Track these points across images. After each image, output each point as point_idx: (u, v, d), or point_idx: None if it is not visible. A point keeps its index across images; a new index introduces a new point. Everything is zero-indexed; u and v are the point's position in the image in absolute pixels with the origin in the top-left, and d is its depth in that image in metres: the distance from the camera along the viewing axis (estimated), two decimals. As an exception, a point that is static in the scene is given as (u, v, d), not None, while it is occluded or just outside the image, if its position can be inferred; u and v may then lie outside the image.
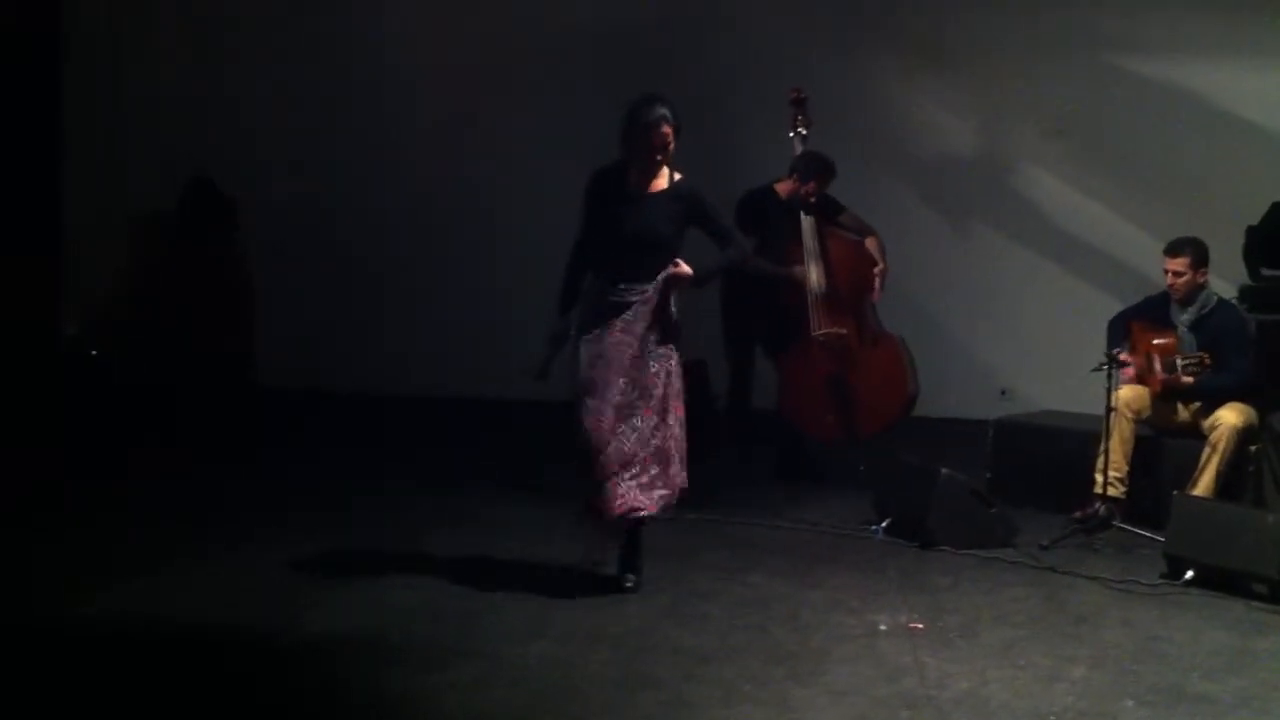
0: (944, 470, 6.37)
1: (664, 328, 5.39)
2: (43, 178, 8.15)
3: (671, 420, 5.40)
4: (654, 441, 5.35)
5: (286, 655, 4.76)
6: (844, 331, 7.37)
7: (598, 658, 4.80)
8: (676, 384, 5.43)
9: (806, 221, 7.37)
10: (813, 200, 7.36)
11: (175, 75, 9.12)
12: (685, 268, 5.36)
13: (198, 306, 7.81)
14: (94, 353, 7.98)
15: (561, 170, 5.51)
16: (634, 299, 5.32)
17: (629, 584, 5.48)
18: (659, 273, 5.34)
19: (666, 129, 5.30)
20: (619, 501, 5.31)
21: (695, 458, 5.54)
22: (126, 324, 7.90)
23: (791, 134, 7.41)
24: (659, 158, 5.34)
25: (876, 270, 7.38)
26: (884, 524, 6.52)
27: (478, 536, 6.28)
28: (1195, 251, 6.68)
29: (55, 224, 8.17)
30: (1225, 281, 7.26)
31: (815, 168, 7.34)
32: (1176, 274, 6.68)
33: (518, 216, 8.89)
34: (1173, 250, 6.72)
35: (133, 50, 9.04)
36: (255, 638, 4.89)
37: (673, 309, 5.41)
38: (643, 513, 5.38)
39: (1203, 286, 6.72)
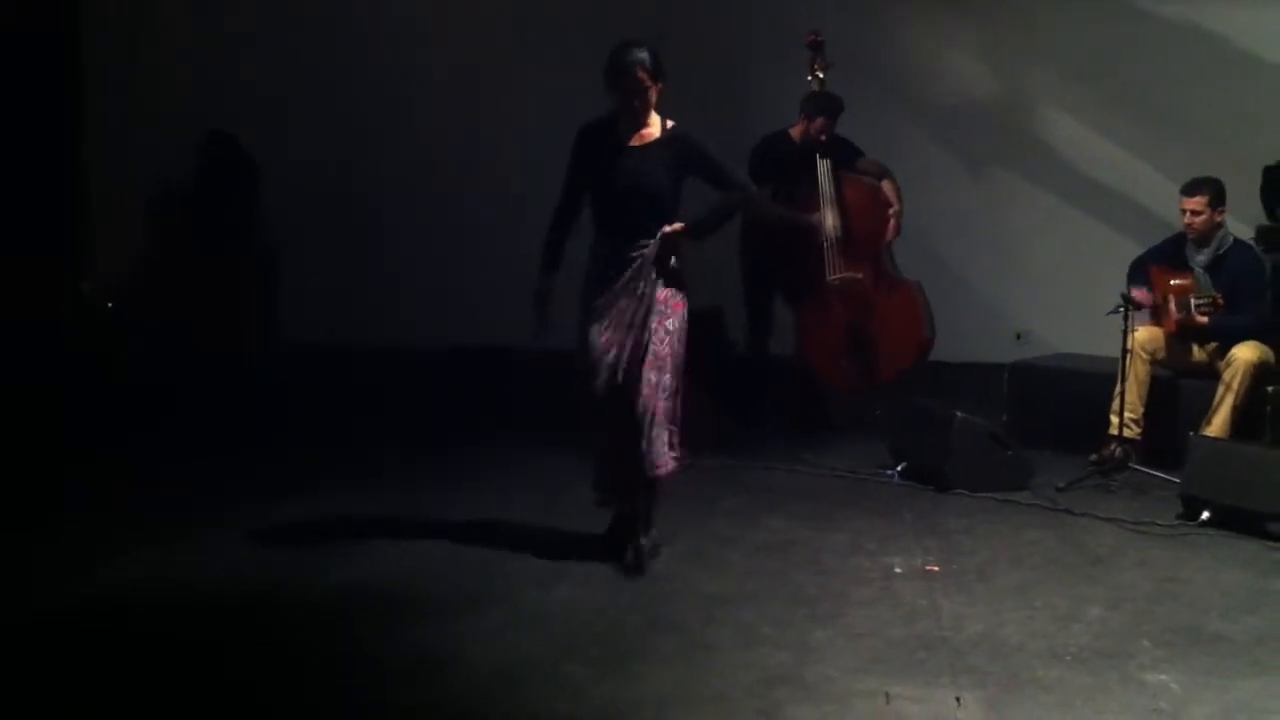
0: (960, 414, 6.39)
1: (665, 282, 5.20)
2: (58, 152, 8.15)
3: (671, 375, 5.21)
4: (662, 400, 5.18)
5: (311, 609, 4.81)
6: (859, 276, 7.37)
7: (619, 603, 4.86)
8: (679, 341, 5.23)
9: (822, 166, 7.35)
10: (823, 138, 7.33)
11: (190, 41, 9.09)
12: (675, 225, 5.18)
13: (208, 301, 7.72)
14: (110, 305, 7.99)
15: (573, 120, 5.43)
16: (633, 255, 5.17)
17: (644, 550, 5.29)
18: (659, 227, 5.17)
19: (640, 74, 5.09)
20: (636, 467, 5.20)
21: (713, 406, 5.54)
22: (142, 296, 7.89)
23: (809, 78, 7.38)
24: (635, 103, 5.16)
25: (892, 212, 7.37)
26: (900, 468, 6.56)
27: (496, 486, 6.34)
28: (1212, 190, 6.66)
29: (69, 206, 8.16)
30: (1242, 222, 7.24)
31: (821, 104, 7.31)
32: (1194, 213, 6.66)
33: (530, 166, 8.83)
34: (1190, 189, 6.70)
35: (148, 19, 9.03)
36: (279, 593, 4.94)
37: (673, 263, 5.23)
38: (660, 473, 5.23)
39: (1220, 226, 6.71)
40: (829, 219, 7.35)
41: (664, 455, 5.21)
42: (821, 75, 7.36)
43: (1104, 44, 8.55)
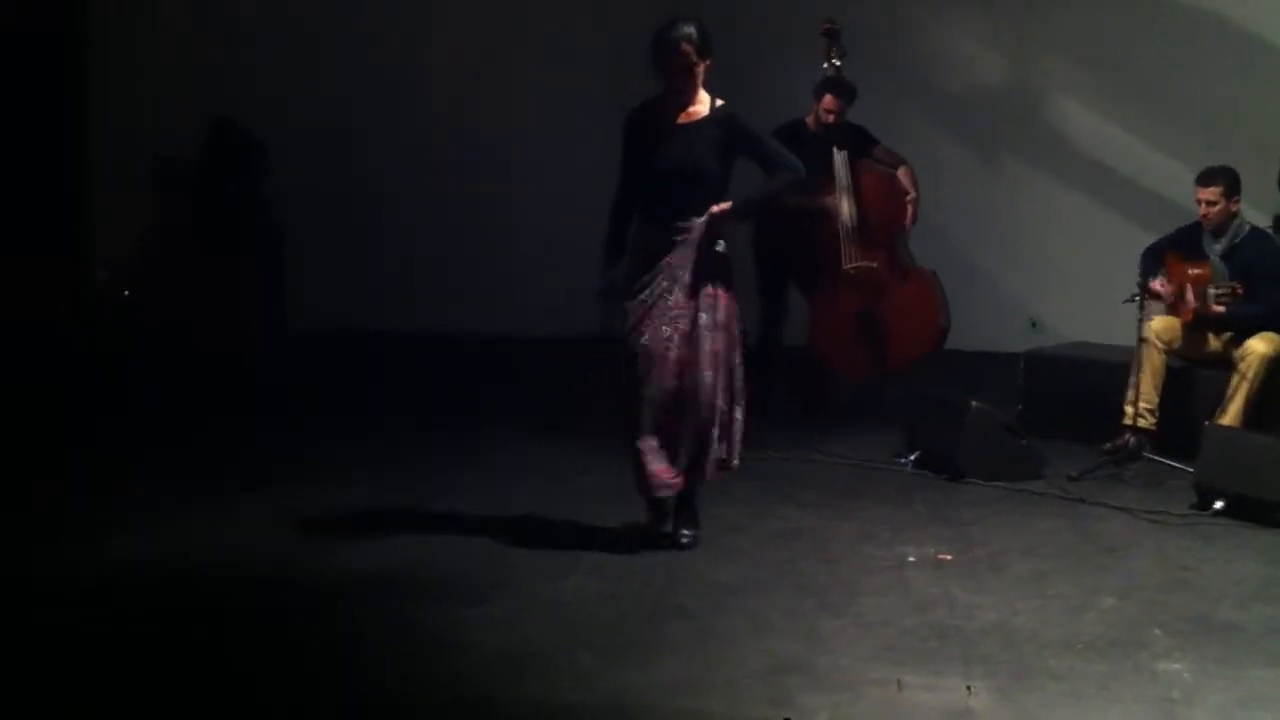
0: (974, 402, 6.37)
1: (711, 271, 5.11)
2: (60, 151, 8.14)
3: (724, 374, 5.13)
4: (710, 399, 5.09)
5: (318, 594, 4.80)
6: (874, 265, 7.35)
7: (629, 591, 4.85)
8: (730, 333, 5.15)
9: (839, 155, 7.33)
10: (831, 118, 7.29)
11: (190, 35, 9.09)
12: (723, 205, 5.09)
13: (209, 299, 7.68)
14: (126, 293, 7.99)
15: (579, 104, 5.37)
16: (679, 238, 5.06)
17: (685, 540, 5.29)
18: (705, 208, 5.06)
19: (685, 48, 5.01)
20: (675, 467, 5.15)
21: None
22: (149, 276, 7.87)
23: (825, 65, 7.35)
24: (680, 80, 5.08)
25: (908, 199, 7.35)
26: (913, 457, 6.54)
27: (505, 474, 6.32)
28: (1228, 180, 6.62)
29: (71, 205, 8.14)
30: (1258, 210, 7.19)
31: (828, 83, 7.28)
32: (1209, 203, 6.63)
33: (535, 154, 8.86)
34: (1205, 179, 6.66)
35: (148, 15, 9.04)
36: (285, 578, 4.94)
37: (719, 247, 5.14)
38: (702, 474, 5.20)
39: (1235, 215, 6.67)
40: (845, 208, 7.33)
41: (724, 452, 5.20)
42: (838, 63, 7.32)
43: (1118, 31, 8.50)
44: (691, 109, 5.16)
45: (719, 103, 5.18)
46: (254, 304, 7.87)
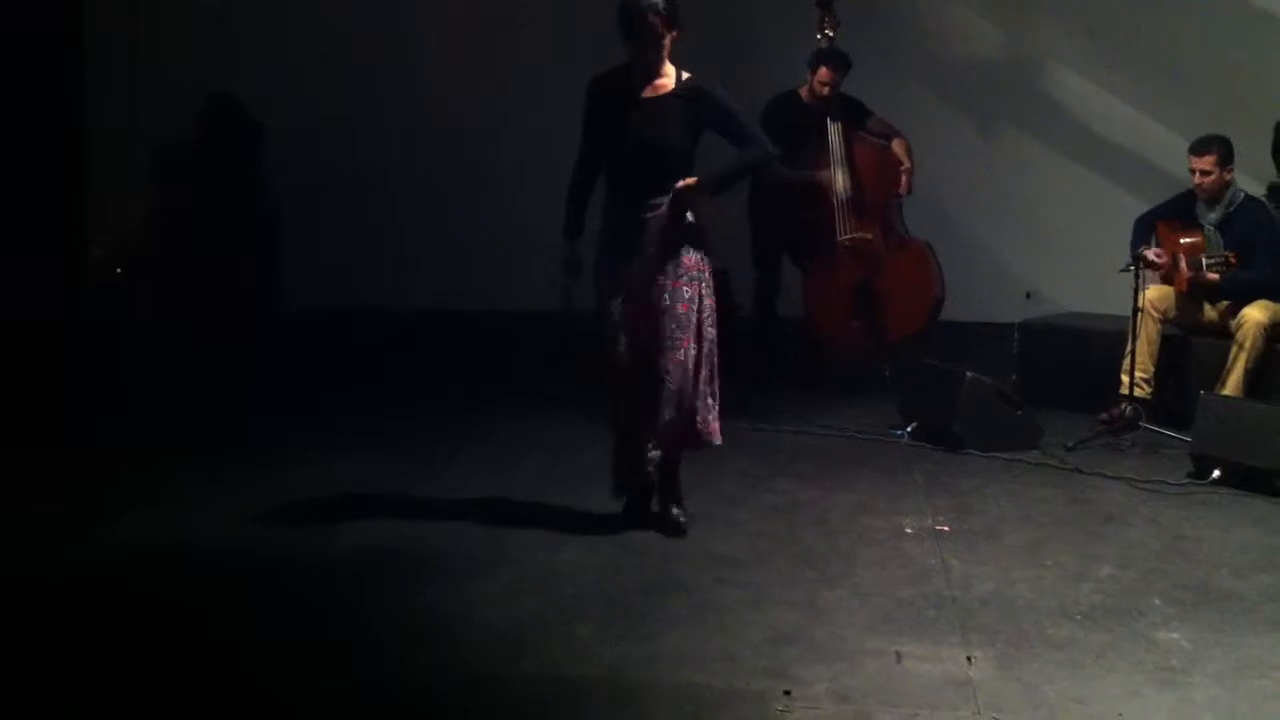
0: (969, 373, 6.37)
1: (685, 243, 5.01)
2: (60, 149, 8.08)
3: (706, 345, 5.03)
4: (700, 371, 5.01)
5: (317, 574, 4.80)
6: (869, 236, 7.34)
7: (627, 564, 4.85)
8: (709, 305, 5.05)
9: (833, 127, 7.31)
10: (826, 91, 7.27)
11: (190, 26, 9.05)
12: (691, 179, 4.95)
13: (207, 292, 7.63)
14: (118, 270, 7.96)
15: (574, 80, 5.29)
16: (648, 215, 4.97)
17: (682, 520, 5.19)
18: (672, 184, 4.95)
19: (653, 19, 4.84)
20: (662, 440, 5.09)
21: (720, 369, 5.46)
22: (147, 258, 7.83)
23: (819, 36, 7.33)
24: (647, 52, 4.94)
25: (903, 170, 7.33)
26: (909, 428, 6.55)
27: (501, 450, 6.33)
28: (1222, 149, 6.61)
29: (69, 205, 8.09)
30: (1253, 179, 7.18)
31: (822, 55, 7.26)
32: (1204, 172, 6.62)
33: (531, 130, 8.81)
34: (1199, 148, 6.65)
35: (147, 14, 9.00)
36: (286, 558, 4.93)
37: (690, 218, 5.01)
38: (712, 440, 5.11)
39: (1229, 184, 6.67)
40: (839, 179, 7.32)
41: (712, 423, 5.09)
42: (831, 34, 7.30)
43: (1116, 1, 8.47)
44: (658, 81, 5.01)
45: (685, 75, 5.04)
46: (251, 295, 7.82)
